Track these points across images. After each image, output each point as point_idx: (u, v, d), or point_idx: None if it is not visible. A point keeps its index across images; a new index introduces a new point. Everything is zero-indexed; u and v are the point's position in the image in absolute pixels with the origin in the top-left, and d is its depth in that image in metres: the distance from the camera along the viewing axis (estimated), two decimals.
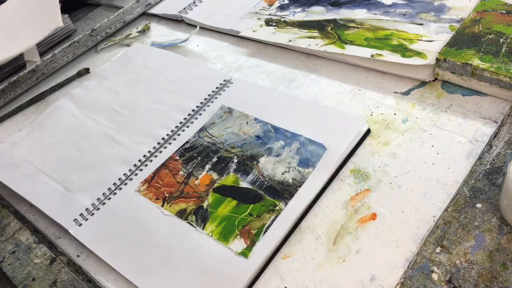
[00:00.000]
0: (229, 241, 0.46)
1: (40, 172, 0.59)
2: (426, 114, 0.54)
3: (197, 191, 0.52)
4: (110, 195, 0.54)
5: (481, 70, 0.52)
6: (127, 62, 0.74)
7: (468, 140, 0.50)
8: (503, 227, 0.42)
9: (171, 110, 0.63)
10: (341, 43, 0.63)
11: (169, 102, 0.64)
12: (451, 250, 0.42)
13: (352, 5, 0.70)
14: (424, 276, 0.40)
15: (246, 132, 0.57)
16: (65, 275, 0.49)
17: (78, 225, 0.51)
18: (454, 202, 0.45)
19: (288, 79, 0.65)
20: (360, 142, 0.52)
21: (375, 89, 0.59)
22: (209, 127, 0.59)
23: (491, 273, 0.39)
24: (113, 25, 0.85)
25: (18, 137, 0.65)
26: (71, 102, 0.69)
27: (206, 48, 0.76)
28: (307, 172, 0.50)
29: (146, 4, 0.88)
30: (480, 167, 0.47)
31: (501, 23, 0.56)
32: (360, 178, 0.49)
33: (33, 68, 0.76)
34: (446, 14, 0.63)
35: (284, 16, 0.73)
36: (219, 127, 0.58)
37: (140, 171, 0.56)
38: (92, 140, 0.62)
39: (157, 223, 0.50)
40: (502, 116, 0.51)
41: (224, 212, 0.49)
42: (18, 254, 0.52)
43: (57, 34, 0.87)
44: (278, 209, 0.47)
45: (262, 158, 0.53)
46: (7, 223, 0.57)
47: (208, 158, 0.55)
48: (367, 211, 0.46)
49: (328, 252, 0.44)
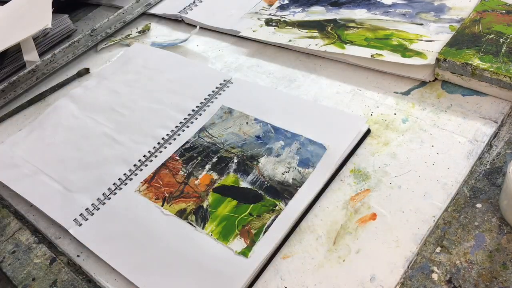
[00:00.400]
0: (229, 241, 0.46)
1: (40, 172, 0.59)
2: (426, 114, 0.54)
3: (197, 191, 0.52)
4: (110, 195, 0.54)
5: (481, 70, 0.52)
6: (127, 62, 0.74)
7: (468, 140, 0.50)
8: (503, 227, 0.42)
9: (171, 110, 0.63)
10: (341, 43, 0.63)
11: (169, 102, 0.64)
12: (451, 250, 0.42)
13: (352, 5, 0.70)
14: (424, 276, 0.40)
15: (246, 132, 0.57)
16: (65, 275, 0.49)
17: (78, 225, 0.51)
18: (454, 202, 0.45)
19: (288, 79, 0.65)
20: (360, 142, 0.52)
21: (375, 89, 0.59)
22: (209, 127, 0.59)
23: (491, 273, 0.39)
24: (113, 25, 0.85)
25: (18, 137, 0.65)
26: (71, 102, 0.69)
27: (206, 48, 0.76)
28: (307, 172, 0.50)
29: (146, 4, 0.88)
30: (480, 167, 0.47)
31: (501, 23, 0.56)
32: (360, 178, 0.49)
33: (33, 68, 0.76)
34: (446, 14, 0.63)
35: (284, 16, 0.73)
36: (219, 127, 0.58)
37: (140, 171, 0.56)
38: (92, 140, 0.62)
39: (157, 223, 0.50)
40: (502, 116, 0.51)
41: (224, 212, 0.49)
42: (18, 254, 0.52)
43: (57, 34, 0.87)
44: (278, 209, 0.47)
45: (262, 158, 0.53)
46: (7, 223, 0.57)
47: (208, 158, 0.55)
48: (367, 211, 0.46)
49: (328, 252, 0.44)
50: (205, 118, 0.60)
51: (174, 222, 0.49)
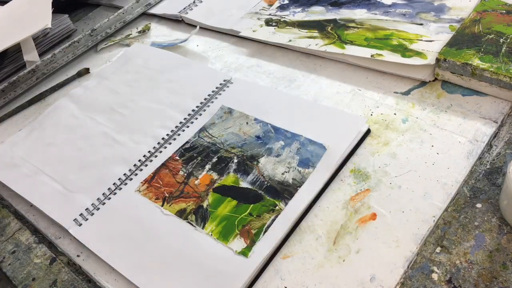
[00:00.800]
0: (229, 241, 0.46)
1: (40, 172, 0.59)
2: (426, 114, 0.54)
3: (197, 191, 0.52)
4: (110, 195, 0.54)
5: (481, 70, 0.52)
6: (127, 62, 0.74)
7: (468, 140, 0.50)
8: (503, 227, 0.42)
9: (171, 110, 0.63)
10: (341, 43, 0.63)
11: (169, 102, 0.64)
12: (451, 250, 0.42)
13: (352, 5, 0.70)
14: (424, 276, 0.40)
15: (246, 132, 0.57)
16: (65, 275, 0.49)
17: (78, 225, 0.51)
18: (454, 202, 0.45)
19: (288, 79, 0.65)
20: (360, 142, 0.52)
21: (375, 89, 0.59)
22: (209, 127, 0.59)
23: (491, 273, 0.39)
24: (113, 25, 0.85)
25: (18, 137, 0.65)
26: (71, 102, 0.69)
27: (206, 48, 0.76)
28: (307, 172, 0.50)
29: (146, 4, 0.88)
30: (480, 167, 0.47)
31: (501, 23, 0.56)
32: (360, 178, 0.49)
33: (33, 68, 0.76)
34: (446, 14, 0.63)
35: (284, 16, 0.73)
36: (219, 127, 0.58)
37: (140, 171, 0.56)
38: (92, 140, 0.62)
39: (157, 222, 0.50)
40: (502, 116, 0.51)
41: (224, 211, 0.49)
42: (18, 254, 0.52)
43: (57, 34, 0.87)
44: (278, 209, 0.47)
45: (262, 158, 0.53)
46: (7, 223, 0.57)
47: (208, 158, 0.55)
48: (367, 211, 0.46)
49: (328, 252, 0.44)
50: (205, 118, 0.60)
51: (174, 222, 0.49)
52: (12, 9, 0.87)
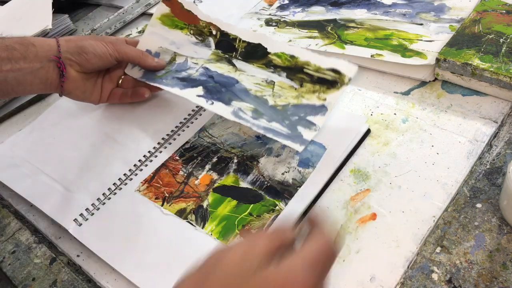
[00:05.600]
0: (229, 240, 0.46)
1: (40, 172, 0.59)
2: (426, 114, 0.54)
3: (197, 191, 0.52)
4: (110, 195, 0.54)
5: (481, 70, 0.52)
6: None
7: (468, 140, 0.50)
8: (503, 227, 0.42)
9: (172, 109, 0.63)
10: (341, 43, 0.63)
11: (169, 101, 0.64)
12: (451, 250, 0.42)
13: (352, 5, 0.70)
14: (424, 276, 0.40)
15: (246, 132, 0.57)
16: (65, 275, 0.49)
17: (78, 225, 0.51)
18: (454, 202, 0.45)
19: None
20: (360, 142, 0.52)
21: (375, 89, 0.59)
22: (209, 127, 0.59)
23: (491, 273, 0.39)
24: (113, 25, 0.85)
25: (18, 137, 0.65)
26: (71, 102, 0.69)
27: None
28: (307, 172, 0.50)
29: (146, 4, 0.88)
30: (480, 167, 0.47)
31: (501, 23, 0.56)
32: (360, 178, 0.49)
33: None
34: (446, 14, 0.63)
35: (284, 16, 0.73)
36: (219, 127, 0.58)
37: (140, 171, 0.56)
38: (92, 140, 0.62)
39: (157, 222, 0.50)
40: (502, 116, 0.51)
41: (224, 211, 0.49)
42: (18, 254, 0.52)
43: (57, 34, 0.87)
44: (278, 209, 0.47)
45: (262, 158, 0.53)
46: (7, 223, 0.57)
47: (208, 158, 0.55)
48: (367, 211, 0.46)
49: None
50: (205, 118, 0.60)
51: (173, 222, 0.49)
52: (12, 9, 0.87)
